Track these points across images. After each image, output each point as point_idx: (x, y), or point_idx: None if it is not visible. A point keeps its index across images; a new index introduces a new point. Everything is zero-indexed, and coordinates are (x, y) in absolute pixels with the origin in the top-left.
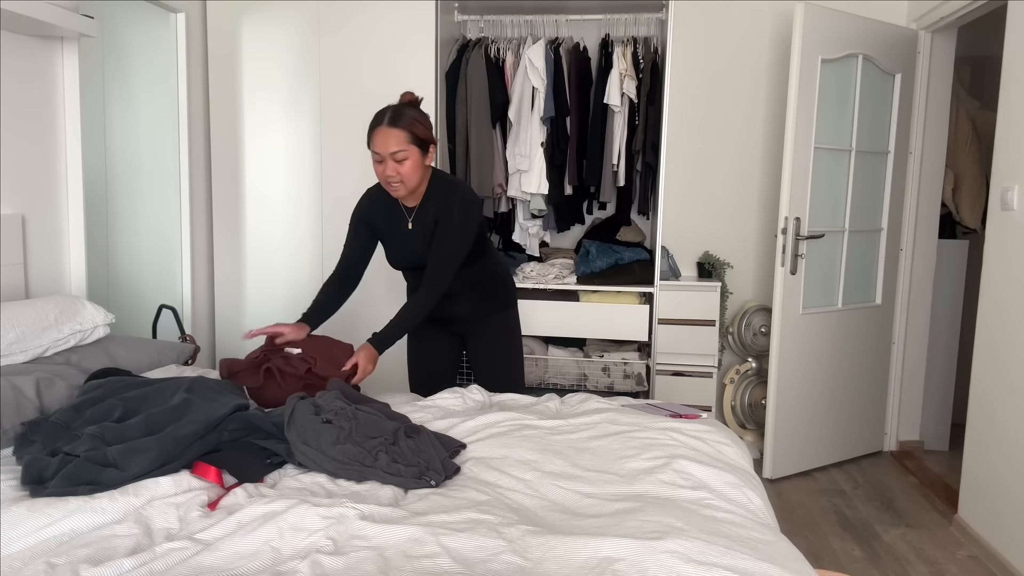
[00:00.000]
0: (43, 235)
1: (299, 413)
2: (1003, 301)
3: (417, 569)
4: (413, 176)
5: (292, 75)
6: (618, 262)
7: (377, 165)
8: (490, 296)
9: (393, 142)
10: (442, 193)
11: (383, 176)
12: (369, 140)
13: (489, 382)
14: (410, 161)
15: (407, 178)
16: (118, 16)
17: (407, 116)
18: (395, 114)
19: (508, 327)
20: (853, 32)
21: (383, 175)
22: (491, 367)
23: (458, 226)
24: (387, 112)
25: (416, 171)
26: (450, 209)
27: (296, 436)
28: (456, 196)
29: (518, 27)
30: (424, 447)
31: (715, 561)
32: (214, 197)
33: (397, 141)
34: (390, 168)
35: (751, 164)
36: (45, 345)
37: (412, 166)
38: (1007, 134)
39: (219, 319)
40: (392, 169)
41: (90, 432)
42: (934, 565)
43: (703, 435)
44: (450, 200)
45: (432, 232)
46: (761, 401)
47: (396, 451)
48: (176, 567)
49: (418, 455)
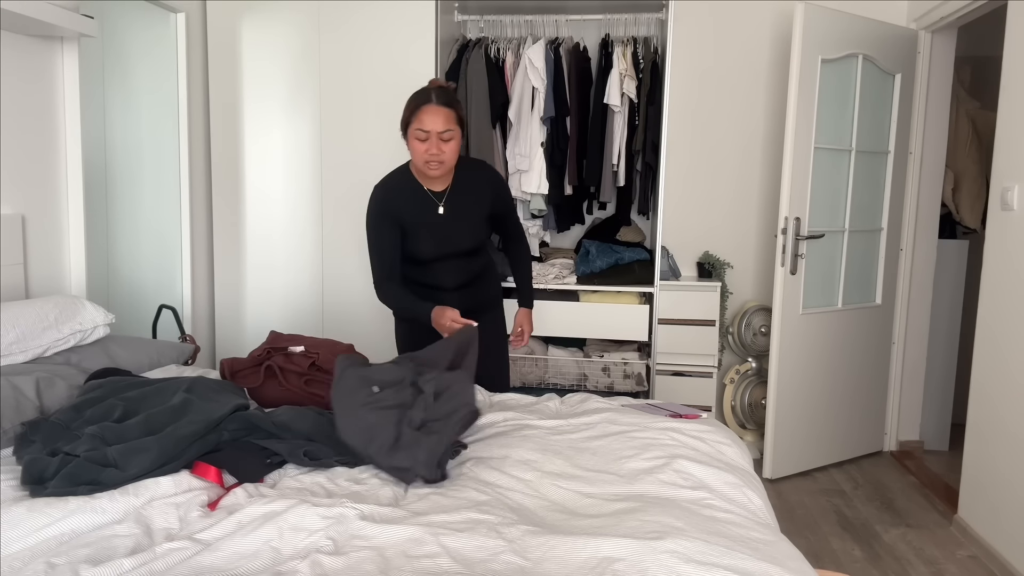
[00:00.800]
0: (43, 235)
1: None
2: (1003, 301)
3: (417, 569)
4: (454, 157)
5: (292, 75)
6: (618, 262)
7: (419, 144)
8: (485, 290)
9: (442, 120)
10: (475, 172)
11: (425, 154)
12: (412, 117)
13: (481, 380)
14: (454, 142)
15: (449, 158)
16: (118, 16)
17: (453, 97)
18: (444, 94)
19: (499, 325)
20: (853, 32)
21: (426, 153)
22: (484, 366)
23: (511, 195)
24: (432, 91)
25: (457, 152)
26: (500, 179)
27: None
28: (494, 172)
29: (518, 27)
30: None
31: (715, 561)
32: (214, 197)
33: (446, 120)
34: (435, 146)
35: (751, 164)
36: (45, 345)
37: (455, 147)
38: (1007, 134)
39: (219, 319)
40: (437, 147)
41: (90, 432)
42: (934, 565)
43: (703, 435)
44: (494, 173)
45: (471, 212)
46: (761, 401)
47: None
48: (176, 567)
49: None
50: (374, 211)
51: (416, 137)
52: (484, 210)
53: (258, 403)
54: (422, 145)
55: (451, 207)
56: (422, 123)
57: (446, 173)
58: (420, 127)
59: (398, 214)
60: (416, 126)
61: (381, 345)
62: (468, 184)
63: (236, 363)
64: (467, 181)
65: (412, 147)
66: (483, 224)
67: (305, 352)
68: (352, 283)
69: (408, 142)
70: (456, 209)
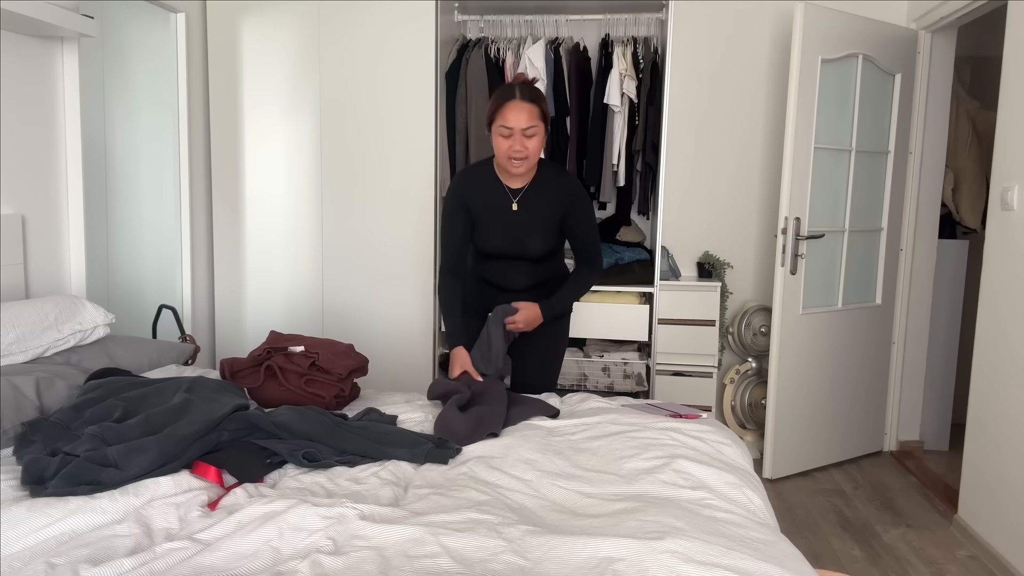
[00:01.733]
0: (43, 235)
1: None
2: (1003, 301)
3: (417, 569)
4: (537, 153)
5: (292, 75)
6: (618, 262)
7: (503, 140)
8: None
9: (526, 116)
10: (556, 178)
11: (509, 151)
12: (496, 114)
13: (530, 383)
14: (537, 138)
15: (533, 154)
16: (118, 16)
17: (538, 93)
18: (528, 90)
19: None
20: (853, 32)
21: (509, 149)
22: (538, 368)
23: (591, 210)
24: (517, 87)
25: (540, 148)
26: (580, 195)
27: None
28: (578, 183)
29: (518, 27)
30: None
31: (715, 561)
32: (214, 197)
33: (530, 116)
34: (518, 143)
35: (751, 164)
36: (45, 345)
37: (538, 143)
38: (1007, 134)
39: (219, 319)
40: (520, 144)
41: (90, 432)
42: (934, 565)
43: (703, 435)
44: (575, 186)
45: (543, 216)
46: (761, 401)
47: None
48: (176, 567)
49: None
50: (450, 198)
51: (500, 133)
52: (556, 215)
53: (258, 403)
54: (505, 142)
55: (525, 206)
56: (506, 119)
57: (528, 170)
58: (504, 123)
59: (472, 204)
60: (500, 122)
61: (381, 345)
62: (546, 187)
63: (236, 363)
64: (546, 184)
65: (496, 143)
66: (554, 230)
67: (305, 352)
68: (352, 284)
69: (492, 138)
70: (530, 209)
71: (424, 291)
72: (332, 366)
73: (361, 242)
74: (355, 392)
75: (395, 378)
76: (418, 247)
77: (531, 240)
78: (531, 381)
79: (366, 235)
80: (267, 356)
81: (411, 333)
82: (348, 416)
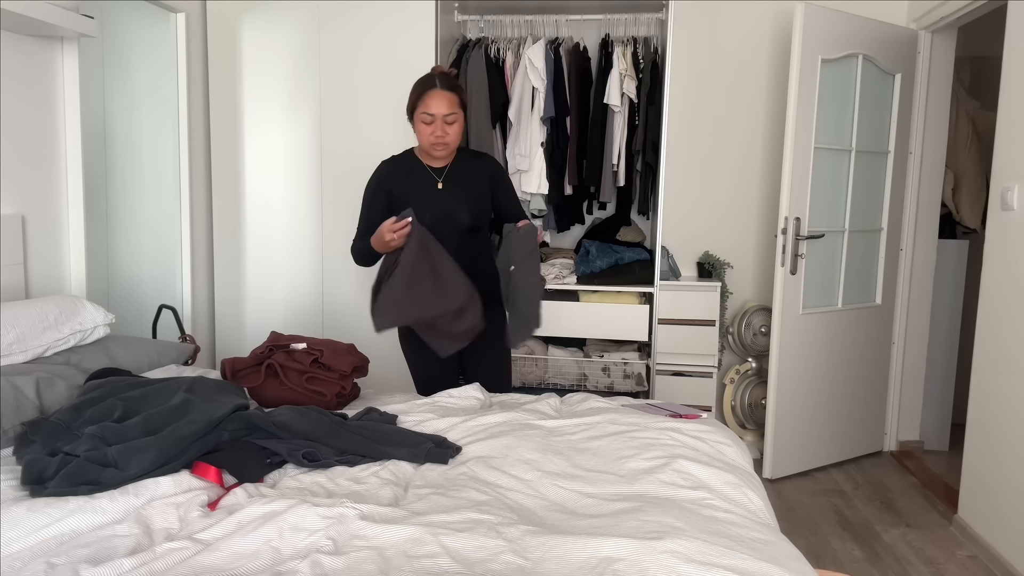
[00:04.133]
0: (43, 235)
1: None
2: (1003, 301)
3: (417, 569)
4: (457, 139)
5: (292, 75)
6: (618, 262)
7: (425, 127)
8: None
9: (447, 104)
10: (475, 158)
11: (431, 136)
12: (418, 102)
13: (482, 382)
14: (457, 125)
15: (453, 140)
16: (118, 16)
17: (456, 83)
18: (447, 80)
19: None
20: (853, 32)
21: (431, 135)
22: (490, 366)
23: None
24: (436, 77)
25: (460, 134)
26: (501, 167)
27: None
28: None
29: (518, 27)
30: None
31: (715, 561)
32: (214, 197)
33: (450, 104)
34: (439, 128)
35: (751, 164)
36: (45, 345)
37: (458, 129)
38: (1007, 134)
39: (219, 319)
40: (441, 130)
41: (90, 432)
42: (934, 565)
43: (703, 435)
44: (494, 161)
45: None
46: (761, 401)
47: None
48: (176, 567)
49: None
50: (372, 181)
51: (422, 120)
52: (483, 189)
53: (258, 403)
54: (428, 128)
55: (449, 183)
56: (428, 107)
57: (450, 155)
58: (426, 110)
59: (395, 188)
60: (422, 109)
61: (382, 346)
62: (467, 166)
63: (237, 363)
64: (467, 163)
65: (418, 130)
66: (483, 201)
67: (308, 349)
68: (352, 283)
69: (414, 125)
70: (454, 185)
71: None
72: (335, 363)
73: None
74: (355, 392)
75: (395, 378)
76: None
77: (459, 213)
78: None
79: None
80: (269, 354)
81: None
82: (348, 416)
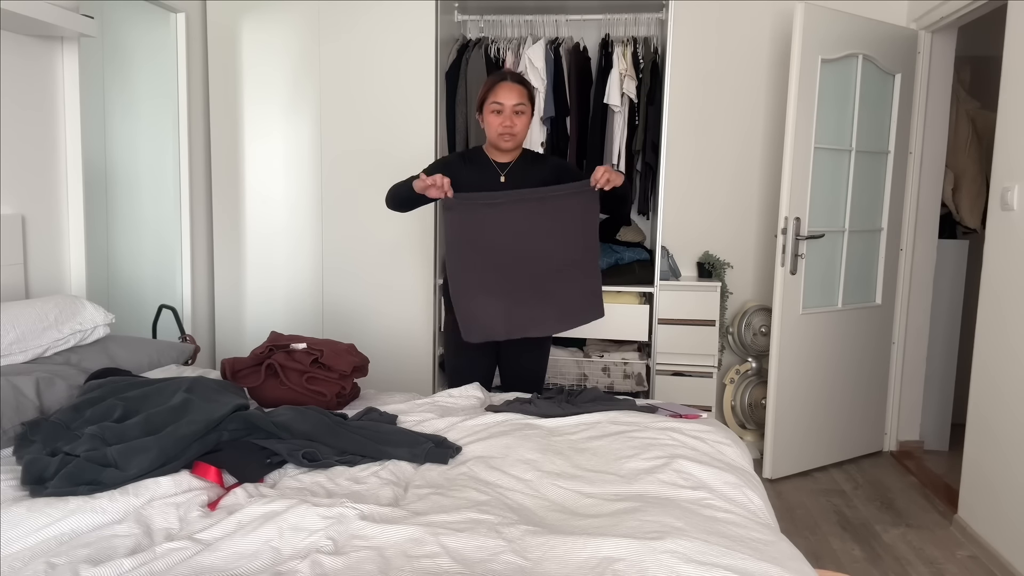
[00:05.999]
0: (43, 235)
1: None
2: (1003, 301)
3: (417, 569)
4: (524, 131)
5: (292, 75)
6: (618, 262)
7: (495, 116)
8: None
9: (516, 95)
10: (539, 158)
11: (500, 126)
12: (488, 94)
13: (520, 380)
14: (525, 117)
15: (520, 131)
16: (118, 16)
17: (524, 79)
18: (516, 75)
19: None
20: (853, 32)
21: (500, 125)
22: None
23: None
24: (506, 73)
25: (527, 127)
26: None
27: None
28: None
29: (518, 27)
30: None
31: (715, 561)
32: (214, 197)
33: (519, 95)
34: (508, 119)
35: (751, 164)
36: (45, 345)
37: (526, 121)
38: (1007, 134)
39: (219, 319)
40: (510, 120)
41: (90, 432)
42: (934, 565)
43: (703, 435)
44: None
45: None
46: (761, 401)
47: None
48: (176, 567)
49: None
50: (439, 161)
51: (492, 110)
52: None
53: (258, 403)
54: (497, 118)
55: (512, 178)
56: (498, 97)
57: (516, 147)
58: (496, 100)
59: (459, 174)
60: (492, 99)
61: (382, 345)
62: (531, 163)
63: (237, 363)
64: (531, 161)
65: (487, 120)
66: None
67: (308, 349)
68: (352, 283)
69: (484, 117)
70: (517, 181)
71: (424, 291)
72: (335, 363)
73: (361, 242)
74: (355, 392)
75: (395, 378)
76: (418, 247)
77: None
78: (524, 376)
79: (366, 235)
80: (269, 354)
81: (411, 333)
82: (348, 416)
